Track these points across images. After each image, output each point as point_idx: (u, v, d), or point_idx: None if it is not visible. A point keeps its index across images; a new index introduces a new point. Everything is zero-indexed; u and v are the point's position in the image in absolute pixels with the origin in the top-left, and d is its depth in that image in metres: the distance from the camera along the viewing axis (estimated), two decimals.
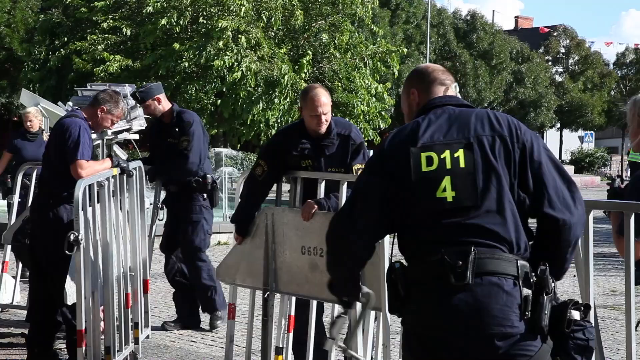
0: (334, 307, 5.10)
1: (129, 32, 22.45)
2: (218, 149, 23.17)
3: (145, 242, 6.11)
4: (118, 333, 5.49)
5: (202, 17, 22.19)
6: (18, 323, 7.04)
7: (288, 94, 21.70)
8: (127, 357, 5.67)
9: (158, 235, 7.36)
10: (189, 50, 21.32)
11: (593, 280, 3.72)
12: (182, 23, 21.78)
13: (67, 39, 23.75)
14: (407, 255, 2.88)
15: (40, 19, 26.17)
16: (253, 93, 21.56)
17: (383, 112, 24.23)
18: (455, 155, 2.80)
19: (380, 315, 4.52)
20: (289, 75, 21.42)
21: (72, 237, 4.93)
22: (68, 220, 5.43)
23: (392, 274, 2.86)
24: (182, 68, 21.47)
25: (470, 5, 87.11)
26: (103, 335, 5.36)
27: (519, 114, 45.08)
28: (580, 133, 52.38)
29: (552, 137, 54.18)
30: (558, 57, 54.48)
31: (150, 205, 7.17)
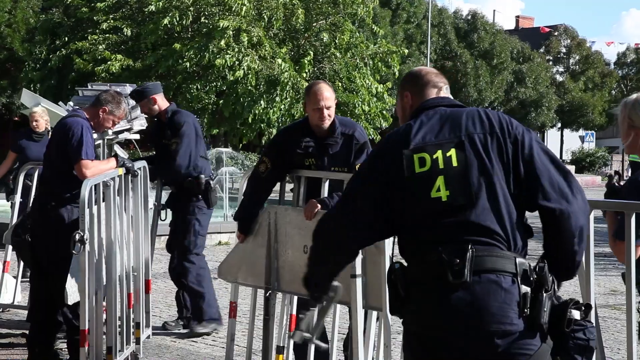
0: (335, 307, 5.11)
1: (129, 32, 22.44)
2: (219, 149, 23.17)
3: (148, 242, 6.12)
4: (120, 333, 5.50)
5: (203, 16, 22.19)
6: (19, 323, 7.05)
7: (289, 94, 21.68)
8: (128, 357, 5.68)
9: (159, 235, 7.36)
10: (190, 50, 21.31)
11: (594, 280, 3.72)
12: (184, 23, 21.77)
13: (67, 39, 23.73)
14: (406, 256, 2.89)
15: (41, 19, 26.15)
16: (254, 92, 21.54)
17: (384, 111, 24.20)
18: (448, 155, 2.81)
19: (382, 315, 4.53)
20: (289, 73, 21.40)
21: (77, 236, 4.93)
22: (69, 220, 5.43)
23: (392, 275, 2.87)
24: (184, 67, 21.45)
25: (471, 5, 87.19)
26: (105, 335, 5.36)
27: (520, 114, 45.07)
28: (581, 133, 52.35)
29: (552, 136, 54.16)
30: (559, 56, 54.43)
31: (154, 205, 7.16)
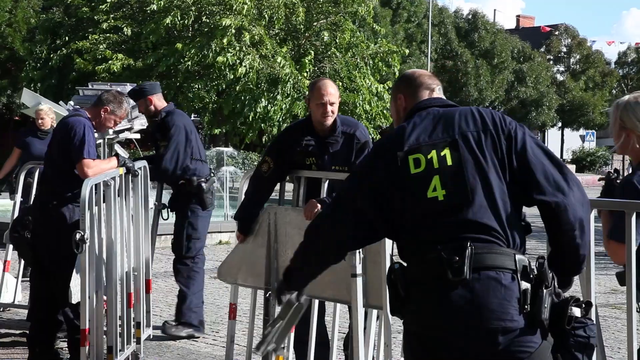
0: (336, 306, 5.12)
1: (130, 31, 22.43)
2: (219, 149, 23.15)
3: (149, 241, 6.12)
4: (120, 332, 5.49)
5: (204, 16, 22.18)
6: (19, 322, 7.04)
7: (290, 92, 21.66)
8: (128, 356, 5.67)
9: (159, 235, 7.35)
10: (192, 50, 21.30)
11: (594, 279, 3.72)
12: (185, 22, 21.76)
13: (68, 39, 23.72)
14: (406, 256, 2.89)
15: (42, 19, 26.15)
16: (255, 91, 21.52)
17: (385, 110, 24.18)
18: (442, 154, 2.82)
19: (382, 314, 4.53)
20: (290, 70, 21.39)
21: (77, 236, 4.93)
22: (71, 219, 5.43)
23: (391, 275, 2.87)
24: (185, 67, 21.44)
25: (472, 5, 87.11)
26: (105, 335, 5.36)
27: (521, 113, 45.09)
28: (582, 132, 52.32)
29: (553, 136, 54.16)
30: (559, 56, 54.42)
31: (154, 205, 7.15)
